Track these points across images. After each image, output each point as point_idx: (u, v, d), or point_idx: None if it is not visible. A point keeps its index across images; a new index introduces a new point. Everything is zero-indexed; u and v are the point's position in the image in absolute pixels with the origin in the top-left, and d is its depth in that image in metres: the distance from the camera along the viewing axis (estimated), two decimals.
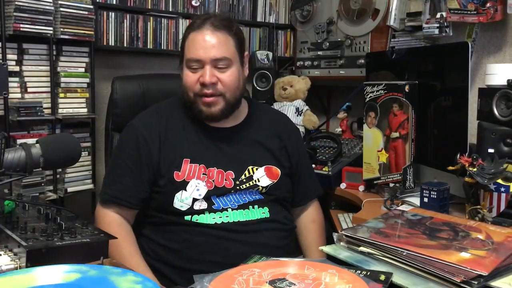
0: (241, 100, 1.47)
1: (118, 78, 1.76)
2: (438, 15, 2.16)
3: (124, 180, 1.39)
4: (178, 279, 1.33)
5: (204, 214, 1.35)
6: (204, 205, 1.36)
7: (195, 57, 1.37)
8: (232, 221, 1.36)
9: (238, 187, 1.39)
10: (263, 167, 1.43)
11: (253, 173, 1.42)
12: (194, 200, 1.36)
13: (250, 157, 1.43)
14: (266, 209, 1.41)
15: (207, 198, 1.36)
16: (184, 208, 1.35)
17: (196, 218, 1.35)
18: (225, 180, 1.39)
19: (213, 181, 1.38)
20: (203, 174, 1.38)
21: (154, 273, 1.33)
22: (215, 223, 1.35)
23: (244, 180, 1.40)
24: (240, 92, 1.44)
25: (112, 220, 1.38)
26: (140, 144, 1.40)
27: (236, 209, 1.38)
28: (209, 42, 1.36)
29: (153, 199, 1.40)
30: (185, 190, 1.36)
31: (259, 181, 1.42)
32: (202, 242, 1.33)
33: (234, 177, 1.39)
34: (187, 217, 1.35)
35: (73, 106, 2.33)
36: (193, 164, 1.38)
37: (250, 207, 1.39)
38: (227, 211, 1.37)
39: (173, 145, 1.41)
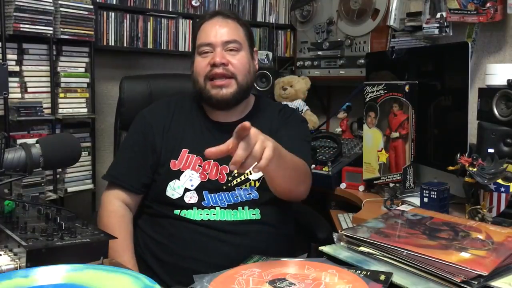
0: (251, 88, 1.49)
1: (127, 78, 1.78)
2: (438, 15, 2.16)
3: (128, 163, 1.44)
4: (161, 272, 1.34)
5: (192, 209, 1.36)
6: (194, 199, 1.37)
7: (206, 41, 1.40)
8: (218, 219, 1.35)
9: (230, 183, 1.39)
10: None
11: None
12: (186, 190, 1.37)
13: None
14: (257, 210, 1.39)
15: (198, 191, 1.37)
16: (175, 197, 1.37)
17: (184, 213, 1.36)
18: (219, 174, 1.39)
19: (207, 173, 1.39)
20: (198, 165, 1.39)
21: (141, 265, 1.35)
22: (202, 219, 1.35)
23: (236, 175, 1.40)
24: (251, 79, 1.46)
25: (114, 210, 1.40)
26: (146, 131, 1.45)
27: (225, 208, 1.37)
28: (220, 28, 1.41)
29: (150, 186, 1.44)
30: (179, 179, 1.38)
31: (250, 173, 1.41)
32: (187, 238, 1.34)
33: (228, 171, 1.40)
34: (176, 211, 1.37)
35: (73, 106, 2.33)
36: (191, 155, 1.41)
37: (240, 207, 1.38)
38: (215, 209, 1.37)
39: (175, 135, 1.44)
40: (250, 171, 1.41)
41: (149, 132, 1.44)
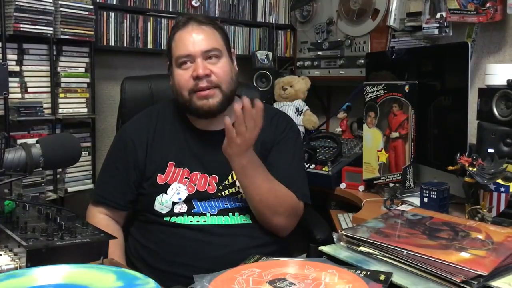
0: (234, 94, 1.45)
1: (128, 78, 1.78)
2: (438, 15, 2.16)
3: (113, 181, 1.43)
4: (152, 279, 1.33)
5: (182, 216, 1.36)
6: (184, 209, 1.36)
7: (185, 53, 1.36)
8: (209, 223, 1.35)
9: (220, 193, 1.37)
10: None
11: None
12: (174, 203, 1.36)
13: None
14: (248, 216, 1.38)
15: (187, 202, 1.36)
16: (164, 211, 1.36)
17: (174, 219, 1.36)
18: (208, 184, 1.38)
19: (195, 185, 1.37)
20: (185, 178, 1.38)
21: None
22: (192, 224, 1.34)
23: (227, 186, 1.38)
24: (235, 85, 1.42)
25: (98, 221, 1.40)
26: (128, 147, 1.43)
27: (216, 214, 1.36)
28: (197, 36, 1.37)
29: (138, 200, 1.43)
30: (166, 193, 1.36)
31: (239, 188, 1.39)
32: (176, 243, 1.33)
33: (217, 181, 1.38)
34: (166, 218, 1.36)
35: (73, 106, 2.33)
36: (177, 168, 1.39)
37: (230, 213, 1.37)
38: (206, 215, 1.36)
39: (160, 149, 1.42)
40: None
41: (131, 148, 1.42)
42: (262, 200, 1.33)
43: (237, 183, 1.39)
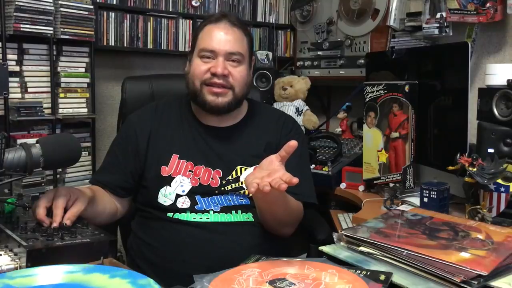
0: (245, 98, 1.47)
1: (129, 78, 1.78)
2: (438, 15, 2.16)
3: (110, 168, 1.45)
4: (153, 276, 1.33)
5: (185, 213, 1.36)
6: (187, 204, 1.36)
7: (210, 48, 1.38)
8: (212, 221, 1.35)
9: (223, 188, 1.38)
10: (253, 168, 1.39)
11: (241, 173, 1.40)
12: (178, 196, 1.36)
13: (240, 157, 1.42)
14: (250, 214, 1.38)
15: (190, 195, 1.36)
16: (167, 204, 1.36)
17: (177, 216, 1.36)
18: (212, 178, 1.38)
19: (199, 178, 1.38)
20: (189, 171, 1.38)
21: (134, 269, 1.32)
22: (195, 221, 1.35)
23: (231, 180, 1.39)
24: (247, 91, 1.45)
25: (91, 187, 1.39)
26: (130, 136, 1.44)
27: (219, 212, 1.36)
28: (226, 36, 1.38)
29: (140, 193, 1.43)
30: (170, 186, 1.37)
31: (242, 183, 1.39)
32: (179, 240, 1.33)
33: (221, 175, 1.39)
34: (169, 214, 1.36)
35: (73, 106, 2.33)
36: (181, 160, 1.40)
37: (233, 211, 1.37)
38: (209, 213, 1.36)
39: (164, 140, 1.43)
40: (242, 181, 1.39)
41: (133, 137, 1.44)
42: (276, 219, 1.36)
43: (241, 178, 1.39)
